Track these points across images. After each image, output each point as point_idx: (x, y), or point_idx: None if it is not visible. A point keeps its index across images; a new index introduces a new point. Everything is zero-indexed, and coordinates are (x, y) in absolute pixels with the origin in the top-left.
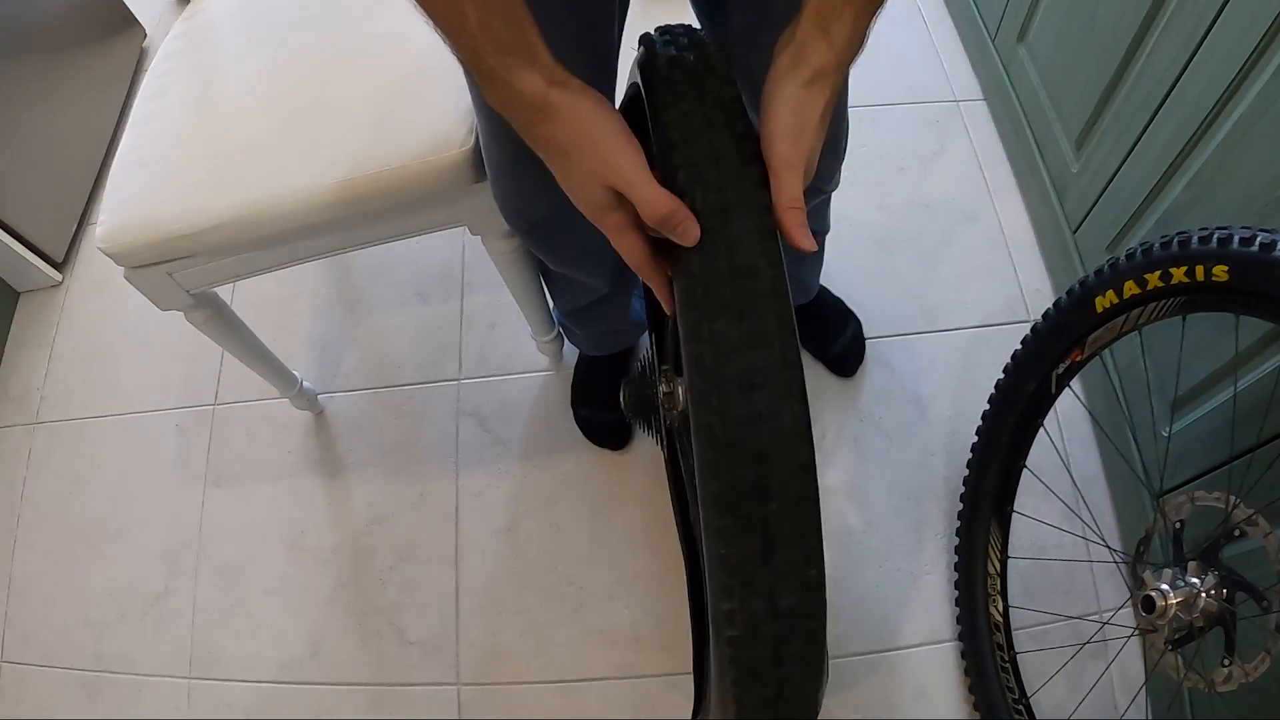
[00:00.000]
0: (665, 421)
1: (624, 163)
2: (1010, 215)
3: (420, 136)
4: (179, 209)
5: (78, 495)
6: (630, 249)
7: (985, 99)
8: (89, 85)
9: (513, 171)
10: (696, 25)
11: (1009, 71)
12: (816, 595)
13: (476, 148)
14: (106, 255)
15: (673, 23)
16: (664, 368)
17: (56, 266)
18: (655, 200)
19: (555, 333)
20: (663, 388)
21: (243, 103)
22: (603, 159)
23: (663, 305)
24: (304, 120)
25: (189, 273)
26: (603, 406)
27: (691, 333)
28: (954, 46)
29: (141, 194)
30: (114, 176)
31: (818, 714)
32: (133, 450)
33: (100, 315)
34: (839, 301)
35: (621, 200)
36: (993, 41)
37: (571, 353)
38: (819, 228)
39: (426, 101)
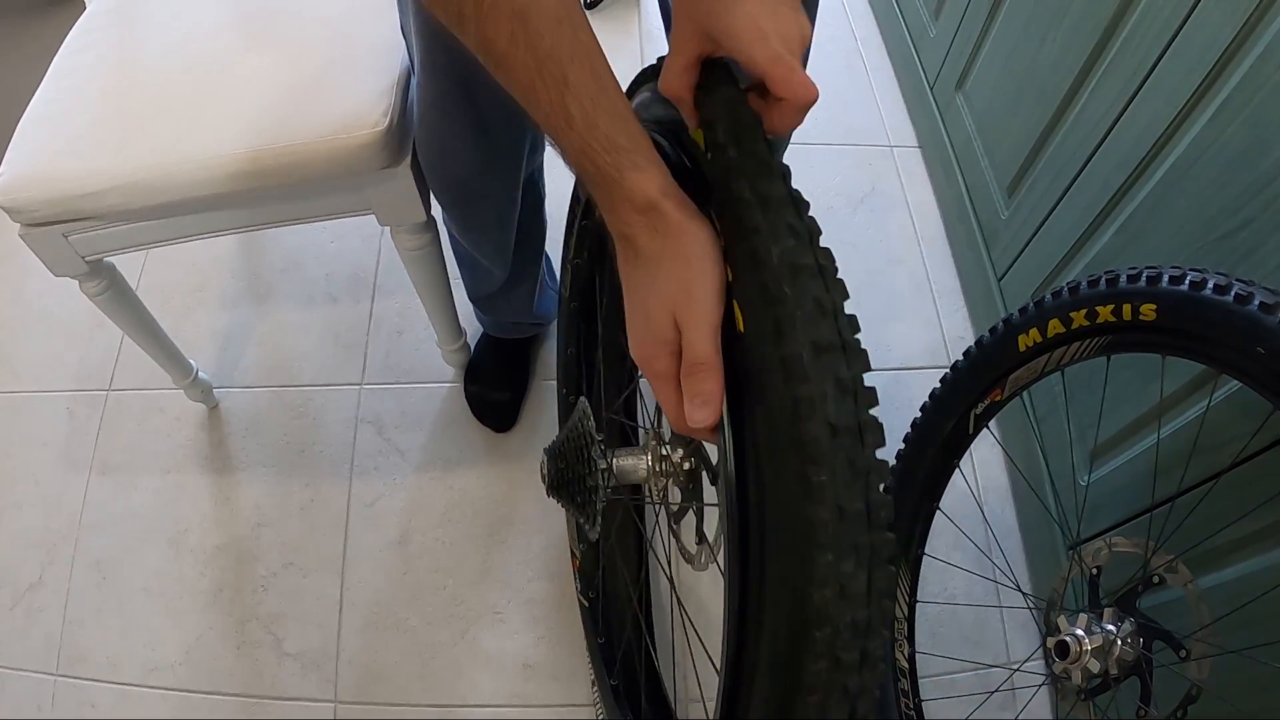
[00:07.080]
0: (601, 496)
1: (707, 304)
2: (937, 261)
3: (333, 113)
4: (80, 167)
5: None
6: (671, 402)
7: (920, 146)
8: (20, 50)
9: (443, 110)
10: None
11: (945, 119)
12: (893, 574)
13: (390, 130)
14: (2, 209)
15: None
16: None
17: None
18: (703, 347)
19: (461, 342)
20: (602, 462)
21: (161, 67)
22: (687, 287)
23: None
24: (218, 89)
25: (85, 236)
26: (495, 386)
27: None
28: (893, 93)
29: (46, 148)
30: (22, 129)
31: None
32: (19, 430)
33: (1, 288)
34: None
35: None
36: (931, 89)
37: None
38: None
39: (344, 78)
